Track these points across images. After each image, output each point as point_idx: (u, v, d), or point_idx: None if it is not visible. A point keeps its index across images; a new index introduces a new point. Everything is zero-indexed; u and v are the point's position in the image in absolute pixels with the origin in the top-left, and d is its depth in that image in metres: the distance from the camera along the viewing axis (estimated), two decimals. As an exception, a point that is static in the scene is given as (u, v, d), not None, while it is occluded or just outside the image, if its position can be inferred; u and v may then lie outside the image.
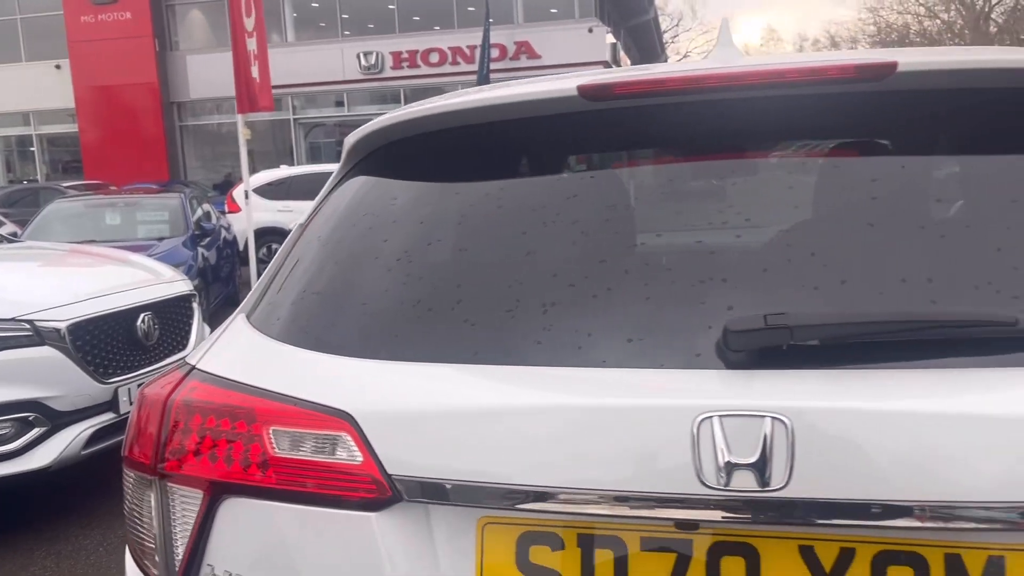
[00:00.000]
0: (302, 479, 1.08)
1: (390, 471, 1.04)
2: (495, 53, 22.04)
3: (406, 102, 25.17)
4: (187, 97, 25.63)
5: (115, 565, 3.57)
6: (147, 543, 1.24)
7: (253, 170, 25.47)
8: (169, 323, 4.56)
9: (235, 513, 1.13)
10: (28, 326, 3.89)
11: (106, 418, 4.08)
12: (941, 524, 0.89)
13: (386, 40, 24.82)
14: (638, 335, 1.05)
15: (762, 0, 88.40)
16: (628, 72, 1.26)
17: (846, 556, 0.94)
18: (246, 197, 8.07)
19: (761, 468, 0.90)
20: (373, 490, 1.05)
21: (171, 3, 25.95)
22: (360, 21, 26.09)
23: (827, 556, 0.94)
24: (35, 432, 3.84)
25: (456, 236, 1.23)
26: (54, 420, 3.89)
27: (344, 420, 1.07)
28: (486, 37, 19.68)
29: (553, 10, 25.14)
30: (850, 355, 0.96)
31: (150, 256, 6.49)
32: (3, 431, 3.77)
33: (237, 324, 1.32)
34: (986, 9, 38.28)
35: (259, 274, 8.28)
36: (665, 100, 1.19)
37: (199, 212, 9.96)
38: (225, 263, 9.98)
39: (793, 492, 0.91)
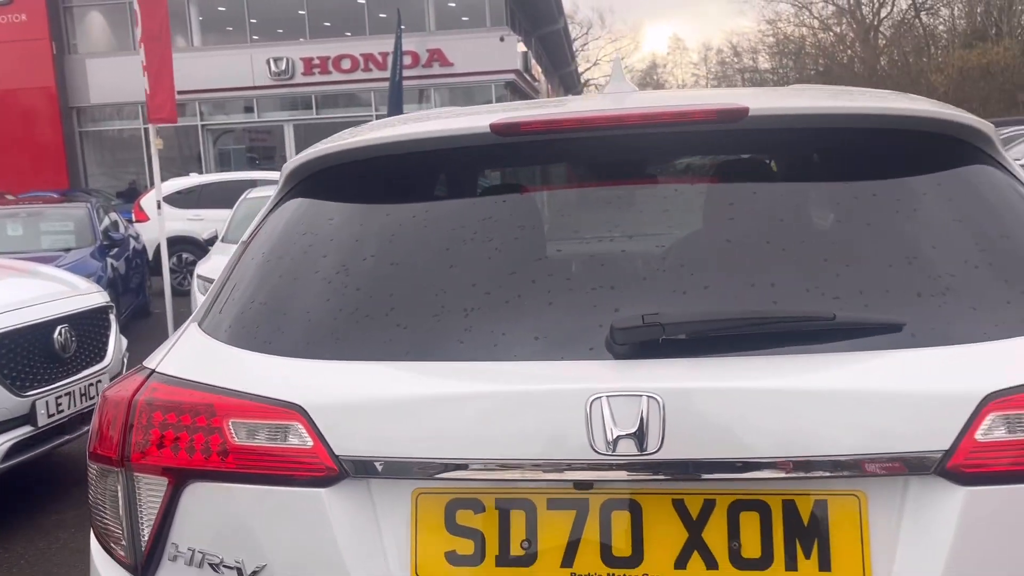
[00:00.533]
0: (260, 463, 1.24)
1: (337, 452, 1.21)
2: (408, 60, 22.08)
3: (318, 108, 25.00)
4: (87, 102, 24.77)
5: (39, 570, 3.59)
6: (112, 528, 1.38)
7: (160, 178, 24.82)
8: (86, 335, 4.54)
9: (198, 496, 1.29)
10: (-59, 341, 3.86)
11: (24, 431, 4.06)
12: (780, 474, 1.13)
13: (297, 46, 24.56)
14: (543, 333, 1.25)
15: (667, 10, 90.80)
16: (533, 111, 1.48)
17: (708, 506, 1.17)
18: (159, 206, 7.96)
19: (640, 437, 1.12)
20: (322, 469, 1.22)
21: (69, 5, 25.05)
22: (269, 26, 25.72)
23: (694, 507, 1.17)
24: (-50, 447, 3.81)
25: (388, 251, 1.40)
26: (-31, 435, 3.86)
27: (296, 411, 1.24)
28: (398, 44, 19.73)
29: (464, 18, 25.36)
30: (709, 346, 1.19)
31: (58, 267, 6.38)
32: (-84, 447, 3.74)
33: (190, 331, 1.47)
34: (875, 23, 40.40)
35: (172, 284, 8.18)
36: (563, 136, 1.41)
37: (106, 221, 9.75)
38: (135, 274, 9.80)
39: (665, 455, 1.13)
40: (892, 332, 1.18)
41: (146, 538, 1.32)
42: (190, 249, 12.56)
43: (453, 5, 25.22)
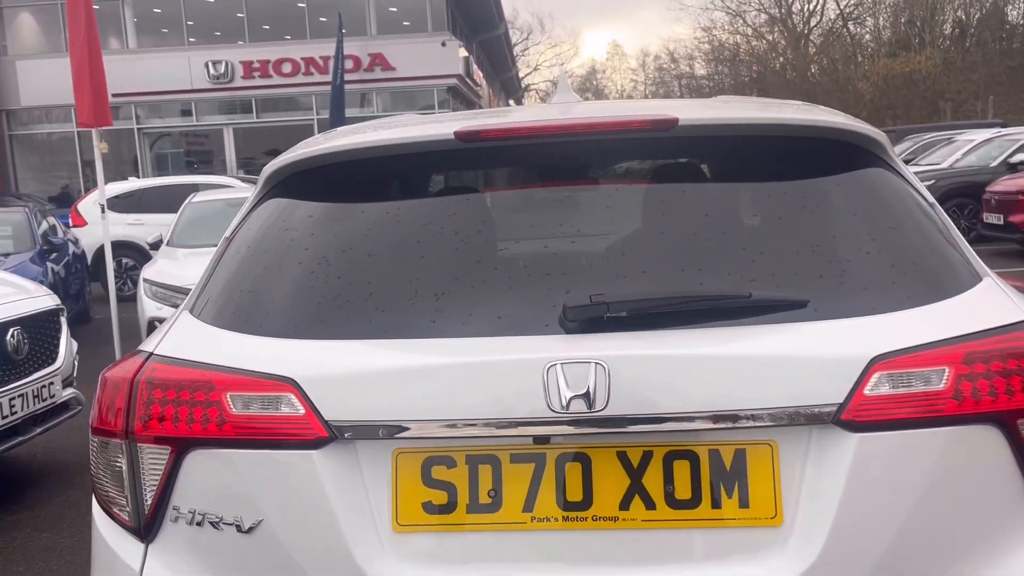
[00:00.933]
0: (256, 431, 1.39)
1: (327, 418, 1.37)
2: (349, 64, 22.07)
3: (258, 112, 24.77)
4: (17, 104, 24.10)
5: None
6: (115, 495, 1.51)
7: (91, 183, 24.20)
8: (38, 338, 4.57)
9: (199, 462, 1.43)
10: None
11: (-23, 432, 4.10)
12: (706, 426, 1.33)
13: (236, 49, 24.29)
14: (505, 313, 1.43)
15: (606, 16, 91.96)
16: (492, 119, 1.66)
17: (647, 456, 1.37)
18: (103, 210, 7.90)
19: (589, 397, 1.31)
20: (313, 434, 1.38)
21: (-2, 6, 24.40)
22: (206, 29, 25.39)
23: (635, 457, 1.36)
24: (-96, 449, 3.82)
25: (364, 244, 1.57)
26: (-77, 437, 3.88)
27: (288, 384, 1.39)
28: (339, 48, 19.72)
29: (406, 23, 25.42)
30: (646, 321, 1.39)
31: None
32: None
33: (183, 318, 1.62)
34: (805, 31, 41.69)
35: (117, 289, 8.10)
36: (518, 142, 1.60)
37: (44, 226, 9.62)
38: (75, 279, 9.67)
39: (610, 412, 1.32)
40: (797, 308, 1.40)
41: (149, 502, 1.46)
42: (130, 254, 12.38)
43: (394, 10, 25.28)
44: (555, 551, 1.36)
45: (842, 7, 40.00)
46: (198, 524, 1.44)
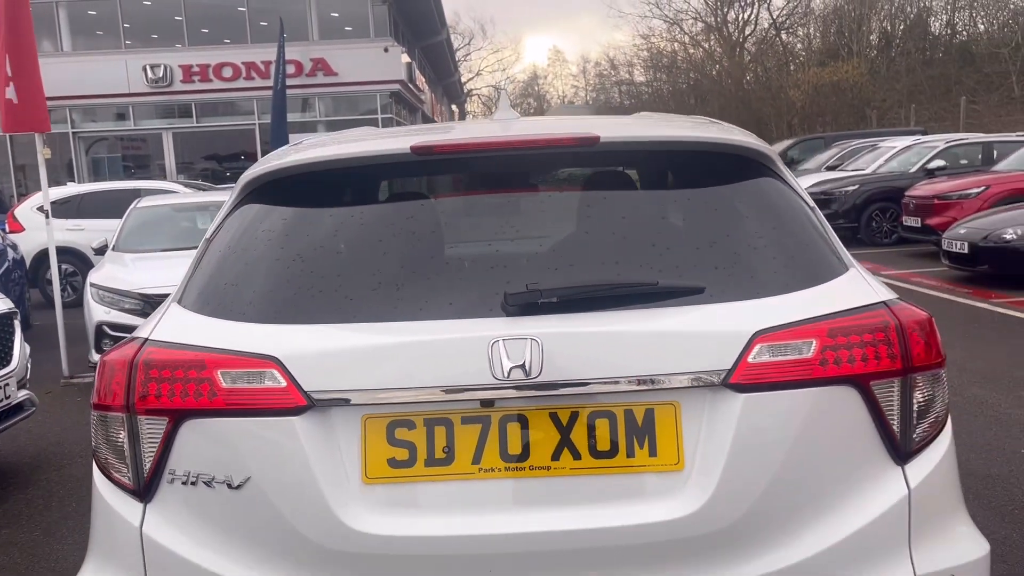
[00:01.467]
0: (244, 402, 1.63)
1: (306, 389, 1.62)
2: (291, 69, 22.01)
3: (198, 116, 24.54)
4: (-55, 107, 23.42)
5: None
6: (115, 461, 1.73)
7: (25, 188, 23.61)
8: (-7, 340, 4.67)
9: (193, 430, 1.66)
10: None
11: (-64, 432, 4.19)
12: (622, 389, 1.61)
13: (175, 53, 24.02)
14: (457, 300, 1.69)
15: (547, 23, 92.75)
16: (442, 136, 1.94)
17: (574, 416, 1.64)
18: (47, 216, 7.90)
19: (526, 368, 1.57)
20: (294, 403, 1.62)
21: (-78, 5, 23.63)
22: (143, 32, 25.04)
23: (564, 417, 1.63)
24: None
25: (333, 241, 1.80)
26: None
27: (271, 361, 1.63)
28: (281, 53, 19.68)
29: (348, 28, 25.46)
30: (573, 305, 1.66)
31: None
32: None
33: (172, 309, 1.84)
34: (740, 40, 42.81)
35: (62, 294, 8.09)
36: (465, 156, 1.87)
37: (-16, 232, 9.54)
38: (15, 285, 9.59)
39: (543, 379, 1.58)
40: (696, 293, 1.69)
41: (148, 467, 1.68)
42: (70, 260, 12.23)
43: (336, 15, 25.29)
44: (499, 496, 1.63)
45: (775, 17, 41.24)
46: (192, 484, 1.67)
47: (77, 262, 12.06)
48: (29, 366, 5.12)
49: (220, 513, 1.65)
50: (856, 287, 1.77)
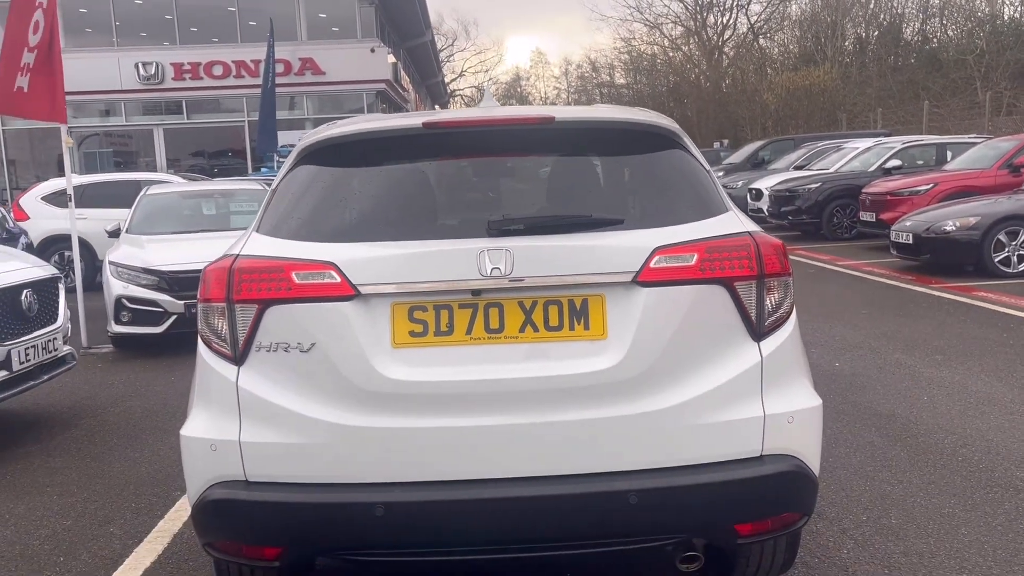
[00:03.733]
0: (310, 293, 2.39)
1: (354, 283, 2.38)
2: (280, 68, 22.63)
3: (188, 113, 25.15)
4: (-61, 102, 23.85)
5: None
6: (215, 338, 2.44)
7: (15, 182, 24.05)
8: (43, 300, 5.37)
9: (274, 313, 2.37)
10: (-62, 297, 4.65)
11: (1, 375, 4.90)
12: (565, 283, 2.35)
13: (167, 51, 24.57)
14: (455, 226, 2.46)
15: (530, 24, 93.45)
16: (445, 115, 2.72)
17: (534, 304, 2.37)
18: (70, 200, 8.59)
19: (502, 269, 2.31)
20: (346, 292, 2.37)
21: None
22: (134, 30, 25.57)
23: (527, 304, 2.34)
24: (-54, 384, 4.60)
25: (368, 188, 2.58)
26: (-40, 374, 4.66)
27: (330, 265, 2.36)
28: (270, 52, 20.29)
29: (335, 28, 26.12)
30: (535, 229, 2.38)
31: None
32: (-81, 383, 4.52)
33: (253, 236, 2.58)
34: (719, 43, 43.72)
35: (68, 278, 8.74)
36: (462, 130, 2.63)
37: (-1, 216, 10.19)
38: (28, 267, 10.24)
39: (515, 275, 2.31)
40: (618, 224, 2.42)
41: (241, 340, 2.43)
42: (72, 247, 12.82)
43: (324, 16, 25.94)
44: (483, 356, 2.38)
45: (752, 23, 42.21)
46: (273, 350, 2.42)
47: (81, 249, 12.66)
48: (69, 325, 5.81)
49: (294, 369, 2.40)
50: (731, 222, 2.55)
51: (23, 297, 5.13)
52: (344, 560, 2.55)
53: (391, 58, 25.56)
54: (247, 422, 2.39)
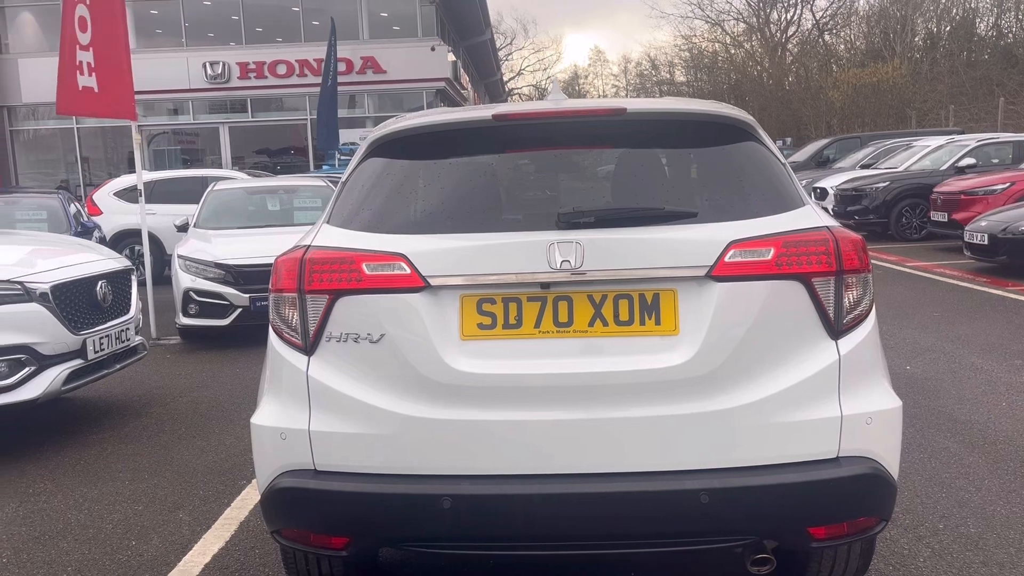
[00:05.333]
0: (381, 284, 2.39)
1: (424, 274, 2.37)
2: (342, 67, 22.93)
3: (253, 111, 25.66)
4: (19, 101, 24.83)
5: (97, 475, 4.58)
6: (286, 328, 2.46)
7: (88, 179, 24.87)
8: (117, 291, 5.51)
9: (345, 304, 2.38)
10: (20, 287, 4.81)
11: (77, 363, 5.00)
12: (637, 277, 2.31)
13: (232, 50, 25.10)
14: (525, 218, 2.43)
15: (589, 22, 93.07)
16: (515, 107, 2.69)
17: (604, 297, 2.35)
18: (140, 195, 8.83)
19: (571, 262, 2.27)
20: (416, 284, 2.37)
21: (1, 5, 25.08)
22: (202, 30, 26.19)
23: (597, 297, 2.31)
24: (26, 371, 4.72)
25: (438, 179, 2.57)
26: (40, 362, 4.78)
27: (401, 256, 2.36)
28: (332, 51, 20.54)
29: (396, 27, 26.36)
30: (606, 221, 2.36)
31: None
32: (1, 369, 4.68)
33: (324, 227, 2.59)
34: (782, 40, 42.93)
35: (138, 271, 9.00)
36: (532, 121, 2.61)
37: (74, 210, 10.55)
38: (101, 260, 10.57)
39: (584, 268, 2.28)
40: (692, 217, 2.38)
41: (312, 330, 2.45)
42: (142, 241, 13.21)
43: (386, 15, 26.20)
44: (551, 349, 2.36)
45: (818, 18, 41.34)
46: (343, 341, 2.43)
47: (151, 243, 13.02)
48: (141, 316, 5.96)
49: (363, 359, 2.41)
50: (808, 216, 2.48)
51: (98, 288, 5.28)
52: (409, 551, 2.55)
53: (451, 56, 25.69)
54: (316, 411, 2.41)
